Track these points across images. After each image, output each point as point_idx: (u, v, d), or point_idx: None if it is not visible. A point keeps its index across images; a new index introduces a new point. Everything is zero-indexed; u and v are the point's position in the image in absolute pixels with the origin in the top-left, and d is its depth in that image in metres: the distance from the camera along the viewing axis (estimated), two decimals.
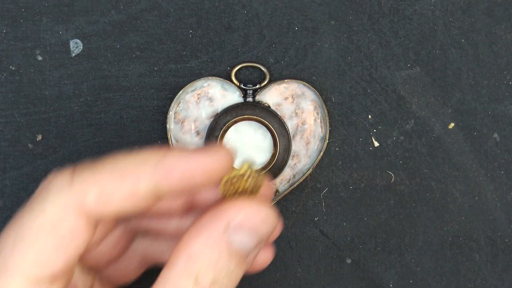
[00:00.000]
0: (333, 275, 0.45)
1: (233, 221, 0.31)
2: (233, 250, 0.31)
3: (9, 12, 0.43)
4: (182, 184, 0.30)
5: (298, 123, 0.44)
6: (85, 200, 0.30)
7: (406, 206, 0.45)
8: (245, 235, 0.31)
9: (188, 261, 0.30)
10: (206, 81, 0.43)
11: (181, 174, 0.30)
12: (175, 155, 0.30)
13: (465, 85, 0.44)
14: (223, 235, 0.30)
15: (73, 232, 0.30)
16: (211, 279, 0.30)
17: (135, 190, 0.30)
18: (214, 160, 0.30)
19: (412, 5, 0.44)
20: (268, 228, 0.31)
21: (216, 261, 0.30)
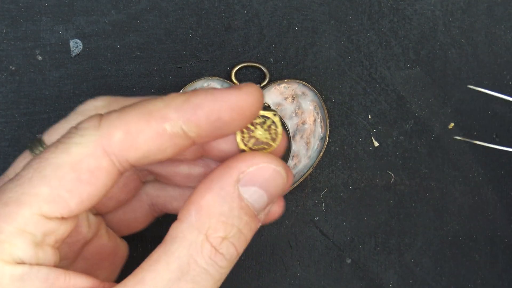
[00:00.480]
0: (333, 275, 0.45)
1: (244, 174, 0.30)
2: (244, 205, 0.30)
3: (9, 12, 0.43)
4: (209, 123, 0.29)
5: (298, 123, 0.44)
6: (111, 141, 0.29)
7: (406, 206, 0.45)
8: (255, 190, 0.30)
9: (199, 215, 0.29)
10: (206, 81, 0.43)
11: (208, 112, 0.29)
12: (201, 93, 0.29)
13: (465, 85, 0.44)
14: (234, 188, 0.30)
15: (94, 173, 0.29)
16: (222, 234, 0.30)
17: (161, 130, 0.29)
18: (243, 97, 0.29)
19: (412, 5, 0.44)
20: (278, 185, 0.31)
21: (227, 216, 0.30)
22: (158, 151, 0.30)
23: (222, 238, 0.30)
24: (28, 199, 0.29)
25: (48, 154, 0.29)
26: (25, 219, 0.28)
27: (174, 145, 0.30)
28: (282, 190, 0.31)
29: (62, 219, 0.29)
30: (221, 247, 0.30)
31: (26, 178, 0.29)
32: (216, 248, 0.29)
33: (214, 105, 0.29)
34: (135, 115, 0.29)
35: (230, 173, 0.30)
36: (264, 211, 0.31)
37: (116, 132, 0.29)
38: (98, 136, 0.29)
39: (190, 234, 0.29)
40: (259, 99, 0.30)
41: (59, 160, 0.29)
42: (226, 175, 0.30)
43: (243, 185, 0.30)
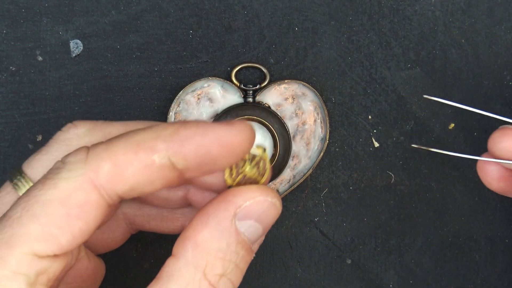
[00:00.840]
0: (333, 275, 0.45)
1: (241, 209, 0.30)
2: (241, 239, 0.30)
3: (9, 13, 0.43)
4: (197, 158, 0.29)
5: (298, 124, 0.44)
6: (99, 174, 0.29)
7: (406, 206, 0.45)
8: (252, 223, 0.30)
9: (196, 251, 0.29)
10: (206, 81, 0.43)
11: (197, 145, 0.29)
12: (191, 125, 0.29)
13: (465, 85, 0.44)
14: (231, 223, 0.30)
15: (83, 208, 0.29)
16: (220, 271, 0.29)
17: (150, 162, 0.29)
18: (234, 134, 0.29)
19: (412, 5, 0.44)
20: (273, 216, 0.31)
21: (225, 252, 0.29)
22: (146, 183, 0.29)
23: (220, 276, 0.29)
24: (19, 240, 0.28)
25: (36, 191, 0.29)
26: (18, 260, 0.28)
27: (162, 178, 0.29)
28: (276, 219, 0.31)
29: (54, 257, 0.29)
30: (219, 284, 0.29)
31: (15, 218, 0.28)
32: (215, 286, 0.29)
33: (203, 139, 0.29)
34: (123, 146, 0.29)
35: (227, 208, 0.30)
36: (258, 241, 0.31)
37: (104, 165, 0.29)
38: (85, 170, 0.29)
39: (187, 272, 0.29)
40: (250, 137, 0.30)
41: (47, 196, 0.29)
42: (223, 210, 0.30)
43: (240, 219, 0.30)
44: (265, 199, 0.30)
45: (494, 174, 0.37)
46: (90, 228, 0.29)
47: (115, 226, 0.37)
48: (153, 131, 0.29)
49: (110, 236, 0.37)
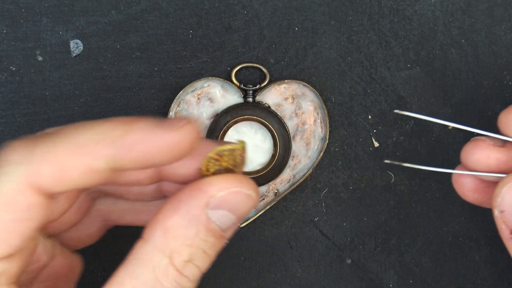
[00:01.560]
0: (333, 275, 0.45)
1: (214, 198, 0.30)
2: (212, 228, 0.30)
3: (9, 12, 0.43)
4: (143, 162, 0.29)
5: (298, 124, 0.44)
6: (40, 176, 0.28)
7: (406, 206, 0.45)
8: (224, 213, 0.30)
9: (164, 236, 0.29)
10: (206, 81, 0.43)
11: (142, 152, 0.29)
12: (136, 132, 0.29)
13: (465, 85, 0.44)
14: (202, 211, 0.29)
15: (28, 209, 0.28)
16: (186, 257, 0.29)
17: (93, 166, 0.28)
18: (179, 137, 0.29)
19: (412, 5, 0.44)
20: (248, 207, 0.31)
21: (193, 238, 0.29)
22: (86, 184, 0.29)
23: (186, 262, 0.29)
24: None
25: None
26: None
27: (102, 178, 0.29)
28: (251, 210, 0.31)
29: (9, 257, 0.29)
30: (185, 270, 0.29)
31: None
32: (181, 271, 0.29)
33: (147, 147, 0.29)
34: (65, 148, 0.28)
35: (200, 196, 0.30)
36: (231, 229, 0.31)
37: (45, 168, 0.28)
38: (26, 172, 0.28)
39: (154, 256, 0.29)
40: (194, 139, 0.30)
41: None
42: (195, 198, 0.30)
43: (212, 208, 0.30)
44: (240, 190, 0.30)
45: (469, 186, 0.37)
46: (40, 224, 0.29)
47: (89, 223, 0.36)
48: (98, 132, 0.29)
49: (85, 233, 0.36)
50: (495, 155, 0.36)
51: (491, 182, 0.36)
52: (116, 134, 0.28)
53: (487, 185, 0.37)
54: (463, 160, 0.36)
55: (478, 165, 0.36)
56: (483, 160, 0.36)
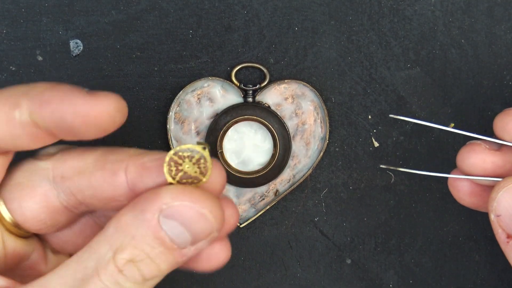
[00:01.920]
0: (333, 275, 0.45)
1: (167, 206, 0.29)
2: (161, 236, 0.29)
3: (9, 12, 0.43)
4: (54, 122, 0.29)
5: (298, 124, 0.44)
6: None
7: (406, 206, 0.45)
8: (177, 225, 0.29)
9: (114, 232, 0.29)
10: (206, 81, 0.43)
11: (53, 110, 0.29)
12: (54, 91, 0.29)
13: (465, 85, 0.44)
14: (153, 216, 0.29)
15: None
16: (128, 256, 0.29)
17: (11, 116, 0.29)
18: (94, 106, 0.29)
19: (412, 5, 0.44)
20: (203, 228, 0.29)
21: (138, 241, 0.29)
22: (12, 137, 0.30)
23: (127, 260, 0.29)
24: None
25: None
26: None
27: (27, 134, 0.30)
28: (209, 232, 0.30)
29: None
30: (125, 268, 0.29)
31: None
32: (120, 268, 0.29)
33: (60, 105, 0.29)
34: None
35: (154, 200, 0.29)
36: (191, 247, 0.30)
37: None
38: None
39: (102, 247, 0.29)
40: (113, 112, 0.29)
41: None
42: (152, 201, 0.29)
43: (165, 216, 0.29)
44: (192, 206, 0.29)
45: (465, 190, 0.37)
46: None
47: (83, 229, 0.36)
48: (24, 88, 0.30)
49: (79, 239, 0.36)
50: (490, 159, 0.36)
51: (487, 186, 0.36)
52: (38, 90, 0.29)
53: (484, 189, 0.37)
54: (459, 164, 0.36)
55: (474, 169, 0.36)
56: (479, 164, 0.36)
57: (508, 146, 0.35)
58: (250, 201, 0.44)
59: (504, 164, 0.35)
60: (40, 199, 0.32)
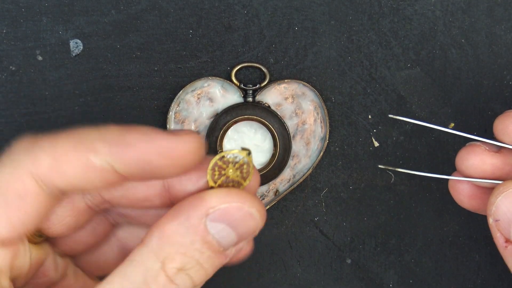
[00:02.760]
0: (333, 275, 0.45)
1: (214, 210, 0.29)
2: (209, 240, 0.29)
3: (9, 12, 0.43)
4: (138, 165, 0.29)
5: (298, 123, 0.44)
6: (39, 166, 0.29)
7: (406, 206, 0.45)
8: (224, 227, 0.29)
9: (160, 241, 0.29)
10: (206, 81, 0.43)
11: (138, 153, 0.29)
12: (135, 134, 0.29)
13: (465, 85, 0.44)
14: (201, 221, 0.29)
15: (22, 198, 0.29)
16: (178, 265, 0.29)
17: (89, 163, 0.29)
18: (178, 146, 0.29)
19: (412, 5, 0.44)
20: (250, 226, 0.30)
21: (188, 247, 0.29)
22: (85, 181, 0.29)
23: (178, 269, 0.29)
24: None
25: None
26: None
27: (102, 178, 0.29)
28: (254, 231, 0.30)
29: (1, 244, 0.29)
30: (176, 278, 0.29)
31: None
32: (171, 278, 0.29)
33: (145, 148, 0.29)
34: (64, 143, 0.29)
35: (200, 205, 0.29)
36: (233, 248, 0.30)
37: (44, 158, 0.29)
38: (26, 161, 0.29)
39: (148, 259, 0.29)
40: (197, 150, 0.30)
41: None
42: (195, 207, 0.29)
43: (211, 220, 0.29)
44: (241, 207, 0.30)
45: (465, 192, 0.37)
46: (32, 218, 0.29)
47: (108, 251, 0.36)
48: (98, 133, 0.29)
49: (103, 259, 0.36)
50: (490, 161, 0.35)
51: (487, 188, 0.36)
52: (115, 135, 0.29)
53: (484, 192, 0.36)
54: (458, 166, 0.36)
55: (473, 171, 0.36)
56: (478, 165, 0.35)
57: (508, 149, 0.35)
58: None
59: (503, 166, 0.35)
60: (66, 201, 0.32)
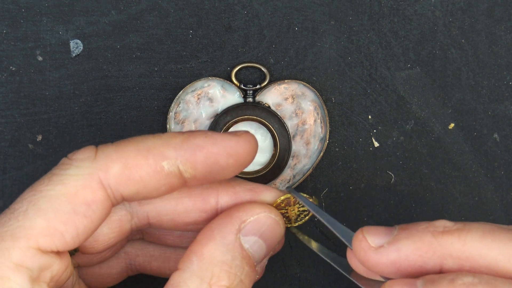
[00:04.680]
0: (333, 275, 0.45)
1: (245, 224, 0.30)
2: (246, 255, 0.30)
3: (9, 12, 0.43)
4: (206, 167, 0.29)
5: (298, 124, 0.44)
6: (108, 174, 0.29)
7: (406, 206, 0.45)
8: (256, 240, 0.30)
9: (201, 263, 0.29)
10: (206, 81, 0.43)
11: (207, 154, 0.29)
12: (201, 135, 0.30)
13: (465, 85, 0.44)
14: (236, 237, 0.30)
15: (90, 206, 0.29)
16: (226, 284, 0.29)
17: (159, 168, 0.29)
18: (242, 144, 0.30)
19: (412, 5, 0.44)
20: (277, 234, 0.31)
21: (230, 264, 0.29)
22: (152, 188, 0.29)
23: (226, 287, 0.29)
24: (24, 232, 0.28)
25: (42, 187, 0.29)
26: (22, 253, 0.28)
27: (168, 184, 0.30)
28: (279, 239, 0.32)
29: (58, 254, 0.29)
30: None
31: (21, 211, 0.28)
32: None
33: (213, 149, 0.29)
34: (133, 150, 0.29)
35: (232, 222, 0.30)
36: (261, 262, 0.31)
37: (114, 165, 0.29)
38: (94, 169, 0.29)
39: (192, 283, 0.29)
40: (255, 148, 0.31)
41: (54, 192, 0.29)
42: (228, 224, 0.30)
43: (244, 234, 0.30)
44: (269, 216, 0.31)
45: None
46: (94, 227, 0.29)
47: (115, 264, 0.36)
48: (162, 138, 0.30)
49: (107, 272, 0.36)
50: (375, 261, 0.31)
51: None
52: (180, 139, 0.30)
53: None
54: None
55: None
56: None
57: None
58: None
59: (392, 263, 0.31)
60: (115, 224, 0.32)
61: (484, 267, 0.28)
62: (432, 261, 0.29)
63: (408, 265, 0.29)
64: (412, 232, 0.30)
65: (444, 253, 0.29)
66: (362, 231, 0.31)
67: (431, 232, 0.29)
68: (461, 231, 0.29)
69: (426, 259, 0.29)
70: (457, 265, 0.29)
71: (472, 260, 0.29)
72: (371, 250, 0.31)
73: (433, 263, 0.29)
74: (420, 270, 0.29)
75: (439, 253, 0.29)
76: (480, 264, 0.28)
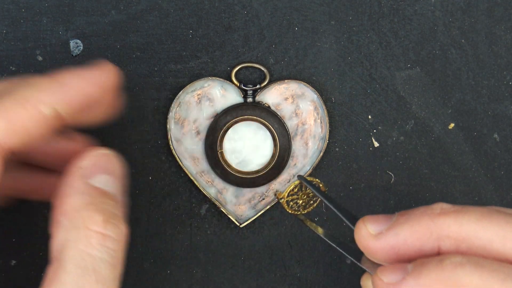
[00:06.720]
0: (333, 275, 0.45)
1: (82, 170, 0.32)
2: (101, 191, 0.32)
3: (9, 12, 0.43)
4: (80, 101, 0.32)
5: (298, 124, 0.44)
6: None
7: (406, 206, 0.45)
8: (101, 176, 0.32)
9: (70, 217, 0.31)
10: (206, 81, 0.43)
11: (78, 90, 0.32)
12: (67, 76, 0.32)
13: (465, 85, 0.44)
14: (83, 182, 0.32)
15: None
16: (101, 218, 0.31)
17: (38, 114, 0.31)
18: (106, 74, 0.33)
19: (412, 5, 0.44)
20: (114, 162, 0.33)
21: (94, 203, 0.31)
22: (37, 135, 0.31)
23: (103, 221, 0.31)
24: None
25: None
26: None
27: (49, 127, 0.32)
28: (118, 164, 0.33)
29: None
30: (107, 229, 0.31)
31: None
32: (102, 232, 0.30)
33: (82, 83, 0.32)
34: (12, 103, 0.31)
35: (75, 173, 0.32)
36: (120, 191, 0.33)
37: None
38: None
39: (71, 236, 0.30)
40: (116, 75, 0.34)
41: None
42: (74, 177, 0.32)
43: (89, 177, 0.32)
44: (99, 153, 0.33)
45: None
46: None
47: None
48: (35, 86, 0.32)
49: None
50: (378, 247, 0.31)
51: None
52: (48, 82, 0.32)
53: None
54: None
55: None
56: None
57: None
58: (250, 201, 0.44)
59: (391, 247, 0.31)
60: None
61: (481, 248, 0.29)
62: (429, 244, 0.30)
63: (407, 249, 0.30)
64: (410, 217, 0.31)
65: (441, 234, 0.29)
66: (363, 220, 0.32)
67: (429, 215, 0.30)
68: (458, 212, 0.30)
69: (423, 241, 0.30)
70: (454, 246, 0.30)
71: (469, 241, 0.29)
72: (371, 237, 0.31)
73: (431, 245, 0.30)
74: (418, 253, 0.30)
75: (436, 234, 0.30)
76: (476, 245, 0.29)
